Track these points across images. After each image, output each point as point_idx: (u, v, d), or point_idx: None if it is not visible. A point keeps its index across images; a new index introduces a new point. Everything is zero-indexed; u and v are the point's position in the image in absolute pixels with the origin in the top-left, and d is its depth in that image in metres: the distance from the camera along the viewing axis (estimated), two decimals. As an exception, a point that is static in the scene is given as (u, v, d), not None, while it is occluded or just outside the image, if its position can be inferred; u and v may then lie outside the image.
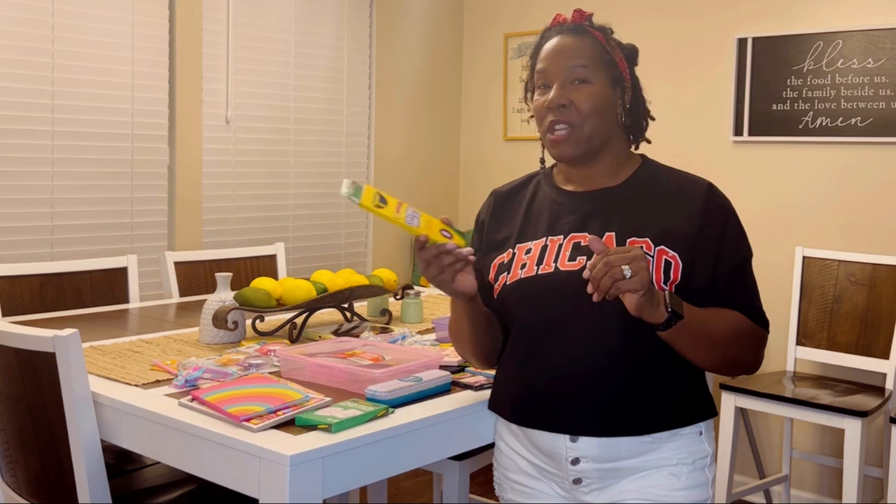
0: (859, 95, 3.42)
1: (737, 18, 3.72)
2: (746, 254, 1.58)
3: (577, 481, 1.55)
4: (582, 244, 1.55)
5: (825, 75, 3.49)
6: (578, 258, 1.53)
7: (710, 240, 1.54)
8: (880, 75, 3.37)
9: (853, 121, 3.44)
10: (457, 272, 1.52)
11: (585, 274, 1.39)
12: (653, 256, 1.51)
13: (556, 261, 1.55)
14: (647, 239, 1.52)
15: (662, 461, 1.53)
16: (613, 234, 1.54)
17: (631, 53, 1.65)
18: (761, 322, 1.58)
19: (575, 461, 1.54)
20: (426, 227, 1.50)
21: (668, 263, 1.50)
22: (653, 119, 1.69)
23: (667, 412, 1.53)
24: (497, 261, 1.64)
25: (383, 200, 1.49)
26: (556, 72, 1.58)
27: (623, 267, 1.34)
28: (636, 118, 1.65)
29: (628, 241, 1.52)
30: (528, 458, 1.61)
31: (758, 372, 3.65)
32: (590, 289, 1.37)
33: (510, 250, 1.62)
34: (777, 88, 3.60)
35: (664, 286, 1.49)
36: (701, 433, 1.57)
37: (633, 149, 1.68)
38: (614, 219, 1.56)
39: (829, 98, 3.48)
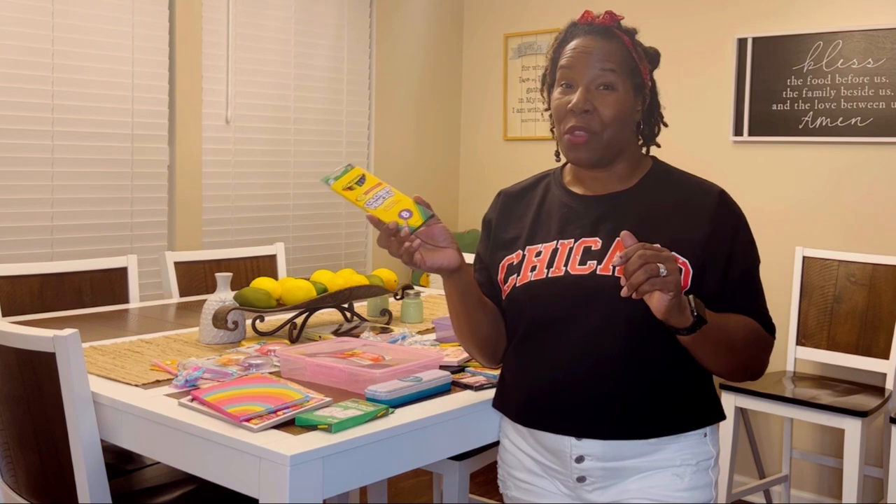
0: (859, 95, 3.42)
1: (737, 18, 3.72)
2: (756, 261, 1.59)
3: (581, 479, 1.56)
4: (592, 249, 1.55)
5: (825, 75, 3.49)
6: (588, 262, 1.53)
7: (721, 246, 1.54)
8: (880, 75, 3.37)
9: (853, 121, 3.43)
10: (412, 252, 1.50)
11: (616, 261, 1.36)
12: None
13: (566, 264, 1.55)
14: (658, 245, 1.50)
15: (666, 462, 1.54)
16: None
17: (654, 58, 1.64)
18: (769, 328, 1.59)
19: (579, 459, 1.54)
20: (384, 209, 1.51)
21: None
22: (665, 126, 1.68)
23: (672, 417, 1.54)
24: (506, 262, 1.64)
25: (361, 181, 1.52)
26: (582, 74, 1.55)
27: (659, 265, 1.33)
28: (650, 125, 1.64)
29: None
30: (532, 456, 1.62)
31: (758, 372, 3.66)
32: (623, 281, 1.35)
33: (520, 251, 1.63)
34: (777, 88, 3.60)
35: None
36: (706, 435, 1.58)
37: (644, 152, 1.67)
38: (625, 223, 1.54)
39: (829, 98, 3.48)
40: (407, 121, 4.39)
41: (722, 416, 1.61)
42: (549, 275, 1.56)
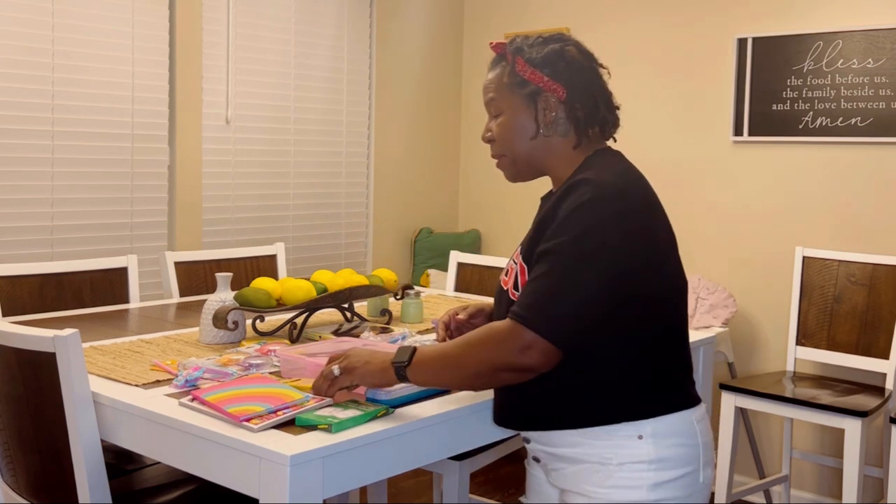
0: (859, 95, 3.42)
1: (737, 18, 3.72)
2: (568, 247, 1.48)
3: (536, 460, 1.68)
4: (515, 259, 1.63)
5: (825, 75, 3.49)
6: (507, 271, 1.67)
7: (537, 236, 1.56)
8: (880, 75, 3.37)
9: (853, 121, 3.44)
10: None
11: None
12: (518, 271, 1.60)
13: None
14: (519, 250, 1.62)
15: (590, 457, 1.56)
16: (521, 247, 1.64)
17: (546, 60, 1.60)
18: (528, 315, 1.47)
19: (527, 440, 1.68)
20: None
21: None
22: (618, 108, 1.67)
23: (578, 411, 1.55)
24: None
25: None
26: (485, 108, 1.71)
27: (334, 368, 1.61)
28: (577, 114, 1.60)
29: (516, 253, 1.63)
30: None
31: (758, 372, 3.66)
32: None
33: None
34: (777, 88, 3.60)
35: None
36: (641, 437, 1.53)
37: (611, 142, 1.69)
38: (533, 230, 1.62)
39: (829, 98, 3.48)
40: (407, 121, 4.39)
41: (656, 413, 1.54)
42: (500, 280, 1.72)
